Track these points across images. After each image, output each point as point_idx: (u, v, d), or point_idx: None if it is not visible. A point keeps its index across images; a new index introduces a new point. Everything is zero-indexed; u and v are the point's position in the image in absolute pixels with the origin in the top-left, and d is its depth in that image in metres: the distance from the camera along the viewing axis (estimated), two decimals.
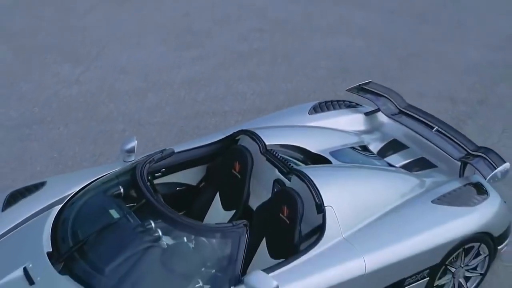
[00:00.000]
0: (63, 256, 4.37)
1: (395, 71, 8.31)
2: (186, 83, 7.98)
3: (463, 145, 5.46)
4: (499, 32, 9.47)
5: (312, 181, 4.70)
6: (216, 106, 7.51)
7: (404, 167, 5.51)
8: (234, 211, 5.20)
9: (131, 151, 5.19)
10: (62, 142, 6.83)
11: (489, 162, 5.23)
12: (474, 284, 5.23)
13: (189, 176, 5.47)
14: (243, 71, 8.28)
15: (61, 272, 4.30)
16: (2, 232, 4.69)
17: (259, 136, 5.19)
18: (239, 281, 4.23)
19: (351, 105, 6.11)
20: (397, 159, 5.60)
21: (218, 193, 5.35)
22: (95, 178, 5.05)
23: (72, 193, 4.94)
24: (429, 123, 5.73)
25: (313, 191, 4.66)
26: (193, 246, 4.38)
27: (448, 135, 5.58)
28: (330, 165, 5.22)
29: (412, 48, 8.96)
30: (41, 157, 6.57)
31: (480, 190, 5.16)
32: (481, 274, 5.20)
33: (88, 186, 4.98)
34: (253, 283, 4.09)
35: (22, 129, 7.02)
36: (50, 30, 9.07)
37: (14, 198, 4.92)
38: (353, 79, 6.65)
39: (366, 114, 6.00)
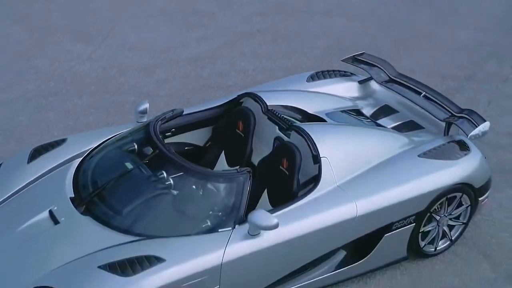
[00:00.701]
0: (84, 200, 4.86)
1: (389, 50, 8.77)
2: (192, 60, 8.47)
3: (448, 108, 5.95)
4: (490, 16, 9.95)
5: (309, 135, 5.18)
6: (220, 81, 8.00)
7: (394, 129, 5.98)
8: (238, 167, 5.67)
9: (144, 112, 5.69)
10: (77, 112, 7.31)
11: (472, 121, 5.72)
12: (457, 233, 5.70)
13: (197, 137, 5.95)
14: (246, 50, 8.77)
15: (83, 213, 4.80)
16: (28, 181, 5.19)
17: (261, 98, 5.67)
18: (243, 220, 4.72)
19: (346, 74, 6.59)
20: (388, 122, 6.07)
21: (223, 151, 5.84)
22: (112, 136, 5.54)
23: (90, 148, 5.43)
24: (417, 89, 6.22)
25: (310, 144, 5.14)
26: (202, 191, 4.87)
27: (435, 99, 6.07)
28: (326, 122, 5.71)
29: (405, 30, 9.45)
30: (58, 124, 7.05)
31: (463, 146, 5.64)
32: (463, 223, 5.68)
33: (105, 143, 5.46)
34: (256, 220, 4.59)
35: (39, 100, 7.50)
36: (62, 13, 9.52)
37: (38, 152, 5.41)
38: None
39: (360, 82, 6.48)
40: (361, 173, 5.25)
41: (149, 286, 4.30)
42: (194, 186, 4.86)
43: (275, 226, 4.59)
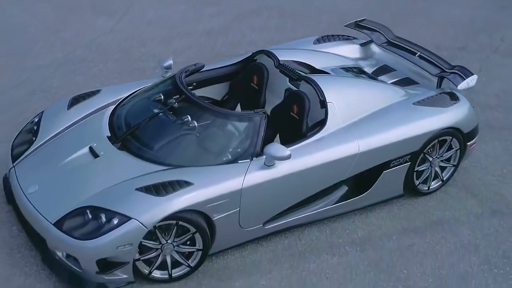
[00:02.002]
0: (119, 138, 5.54)
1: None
2: (206, 33, 9.18)
3: (440, 65, 6.63)
4: None
5: (317, 83, 5.87)
6: (233, 50, 8.69)
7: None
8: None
9: (168, 67, 6.39)
10: (103, 76, 8.00)
11: (461, 75, 6.40)
12: (448, 174, 6.39)
13: (215, 91, 6.64)
14: (255, 24, 9.49)
15: (119, 149, 5.48)
16: (68, 124, 5.88)
17: (274, 54, 6.35)
18: (260, 154, 5.40)
19: (348, 38, 7.29)
20: (386, 79, 6.74)
21: (239, 104, 6.53)
22: (140, 88, 6.23)
23: (122, 98, 6.12)
24: (413, 50, 6.91)
25: (317, 91, 5.82)
26: (223, 128, 5.54)
27: (428, 58, 6.75)
28: (332, 74, 6.40)
29: (403, 6, 10.18)
30: (86, 86, 7.68)
31: (453, 96, 6.34)
32: (454, 165, 6.36)
33: (135, 93, 6.15)
34: (271, 151, 5.26)
35: (68, 66, 8.20)
36: None
37: (76, 100, 6.12)
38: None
39: (361, 45, 7.18)
40: (363, 118, 5.92)
41: (180, 205, 4.97)
42: (216, 124, 5.53)
43: (288, 157, 5.26)
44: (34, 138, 5.80)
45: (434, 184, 6.34)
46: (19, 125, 6.31)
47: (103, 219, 4.91)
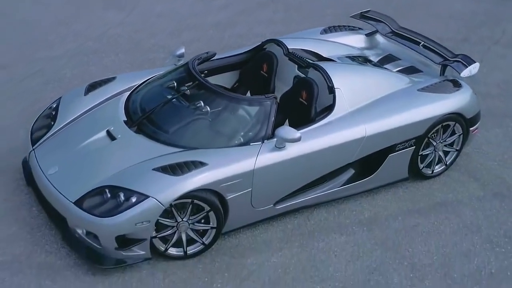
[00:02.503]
0: (135, 122, 5.76)
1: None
2: (214, 25, 9.41)
3: (443, 53, 6.86)
4: None
5: (325, 70, 6.09)
6: (240, 42, 8.92)
7: None
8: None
9: (180, 56, 6.60)
10: (115, 66, 8.23)
11: (463, 63, 6.62)
12: (451, 159, 6.62)
13: (225, 79, 6.86)
14: (262, 17, 9.71)
15: (136, 132, 5.69)
16: (85, 110, 6.10)
17: (283, 42, 6.58)
18: (271, 137, 5.61)
19: (354, 29, 7.52)
20: (391, 68, 6.94)
21: (249, 91, 6.75)
22: (154, 75, 6.45)
23: (136, 84, 6.34)
24: (417, 39, 7.13)
25: (326, 77, 6.04)
26: (235, 112, 5.75)
27: (432, 47, 6.97)
28: (339, 62, 6.62)
29: (405, 0, 10.38)
30: (99, 76, 7.84)
31: (456, 83, 6.56)
32: (456, 150, 6.59)
33: (149, 80, 6.37)
34: (281, 134, 5.48)
35: (80, 57, 8.42)
36: None
37: (93, 87, 6.35)
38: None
39: (367, 35, 7.40)
40: (369, 103, 6.13)
41: (195, 184, 5.18)
42: (229, 109, 5.74)
43: (298, 139, 5.47)
44: (52, 123, 6.02)
45: (437, 168, 6.56)
46: (34, 114, 6.52)
47: (122, 197, 5.13)
